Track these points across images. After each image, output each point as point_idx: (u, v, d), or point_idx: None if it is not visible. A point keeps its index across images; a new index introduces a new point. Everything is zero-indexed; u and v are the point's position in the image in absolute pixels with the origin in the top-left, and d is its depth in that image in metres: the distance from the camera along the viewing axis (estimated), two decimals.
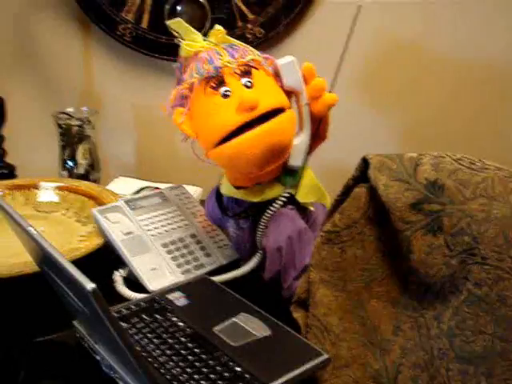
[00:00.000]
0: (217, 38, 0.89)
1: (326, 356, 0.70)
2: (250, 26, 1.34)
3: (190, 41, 0.89)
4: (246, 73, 0.86)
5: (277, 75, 0.89)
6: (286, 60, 0.87)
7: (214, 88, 0.85)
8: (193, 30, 0.90)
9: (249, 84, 0.86)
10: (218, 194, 0.99)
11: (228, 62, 0.85)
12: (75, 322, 0.76)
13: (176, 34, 0.90)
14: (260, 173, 0.88)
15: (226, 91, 0.85)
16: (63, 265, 0.52)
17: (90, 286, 0.48)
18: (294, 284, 0.86)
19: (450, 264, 0.66)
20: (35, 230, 0.61)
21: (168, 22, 0.90)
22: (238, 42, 0.91)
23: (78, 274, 0.50)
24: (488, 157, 0.70)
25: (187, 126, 0.89)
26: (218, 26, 0.90)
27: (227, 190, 0.95)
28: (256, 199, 0.91)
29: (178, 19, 0.90)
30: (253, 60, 0.87)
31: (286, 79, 0.87)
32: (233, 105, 0.84)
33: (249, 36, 1.34)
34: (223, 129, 0.84)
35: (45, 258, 0.62)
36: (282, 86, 0.88)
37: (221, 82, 0.85)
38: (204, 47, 0.89)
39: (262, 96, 0.84)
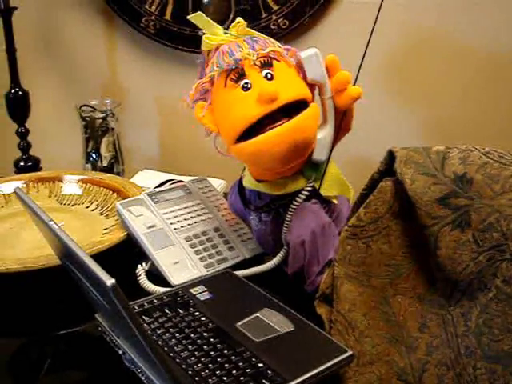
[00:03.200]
0: (238, 31, 0.88)
1: (349, 352, 0.69)
2: (274, 17, 1.33)
3: (211, 34, 0.89)
4: (267, 64, 0.85)
5: (299, 67, 0.87)
6: (309, 52, 0.85)
7: (234, 81, 0.84)
8: (213, 23, 0.89)
9: (269, 76, 0.84)
10: (240, 187, 0.98)
11: (248, 54, 0.84)
12: (97, 316, 0.76)
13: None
14: (283, 169, 0.87)
15: (246, 83, 0.84)
16: (84, 260, 0.52)
17: (109, 281, 0.48)
18: (318, 279, 0.85)
19: (478, 260, 0.64)
20: (56, 224, 0.61)
21: (189, 17, 0.89)
22: (259, 33, 0.90)
23: (98, 270, 0.50)
24: None
25: (209, 120, 0.89)
26: (238, 19, 0.89)
27: (249, 182, 0.94)
28: (278, 192, 0.90)
29: (199, 13, 0.89)
30: (273, 51, 0.86)
31: (309, 72, 0.86)
32: (253, 97, 0.83)
33: (273, 27, 1.33)
34: (243, 122, 0.83)
35: (66, 253, 0.61)
36: (304, 78, 0.87)
37: (241, 75, 0.84)
38: (225, 40, 0.88)
39: (282, 87, 0.83)
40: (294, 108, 0.83)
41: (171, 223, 0.97)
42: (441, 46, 1.28)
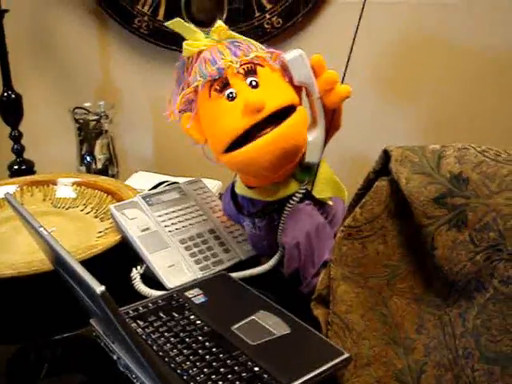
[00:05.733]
0: (219, 35, 0.86)
1: (347, 355, 0.68)
2: (268, 15, 1.32)
3: (192, 40, 0.87)
4: (251, 72, 0.83)
5: (284, 70, 0.85)
6: (293, 54, 0.83)
7: (218, 91, 0.83)
8: (193, 27, 0.88)
9: (254, 83, 0.83)
10: (233, 192, 0.97)
11: (231, 62, 0.82)
12: (92, 321, 0.75)
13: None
14: (274, 176, 0.86)
15: (230, 93, 0.82)
16: (73, 266, 0.51)
17: (99, 288, 0.47)
18: (314, 280, 0.85)
19: (475, 260, 0.64)
20: (46, 230, 0.60)
21: (167, 24, 0.88)
22: (242, 37, 0.88)
23: (87, 276, 0.49)
24: None
25: (195, 130, 0.88)
26: (219, 22, 0.87)
27: (241, 189, 0.93)
28: (271, 198, 0.89)
29: (177, 19, 0.87)
30: (257, 57, 0.84)
31: (295, 74, 0.84)
32: (239, 107, 0.81)
33: (267, 26, 1.32)
34: (231, 134, 0.82)
35: (57, 259, 0.61)
36: (290, 81, 0.85)
37: (225, 84, 0.83)
38: (206, 45, 0.86)
39: (268, 95, 0.81)
40: (281, 114, 0.82)
41: (166, 226, 0.96)
42: (437, 42, 1.28)
